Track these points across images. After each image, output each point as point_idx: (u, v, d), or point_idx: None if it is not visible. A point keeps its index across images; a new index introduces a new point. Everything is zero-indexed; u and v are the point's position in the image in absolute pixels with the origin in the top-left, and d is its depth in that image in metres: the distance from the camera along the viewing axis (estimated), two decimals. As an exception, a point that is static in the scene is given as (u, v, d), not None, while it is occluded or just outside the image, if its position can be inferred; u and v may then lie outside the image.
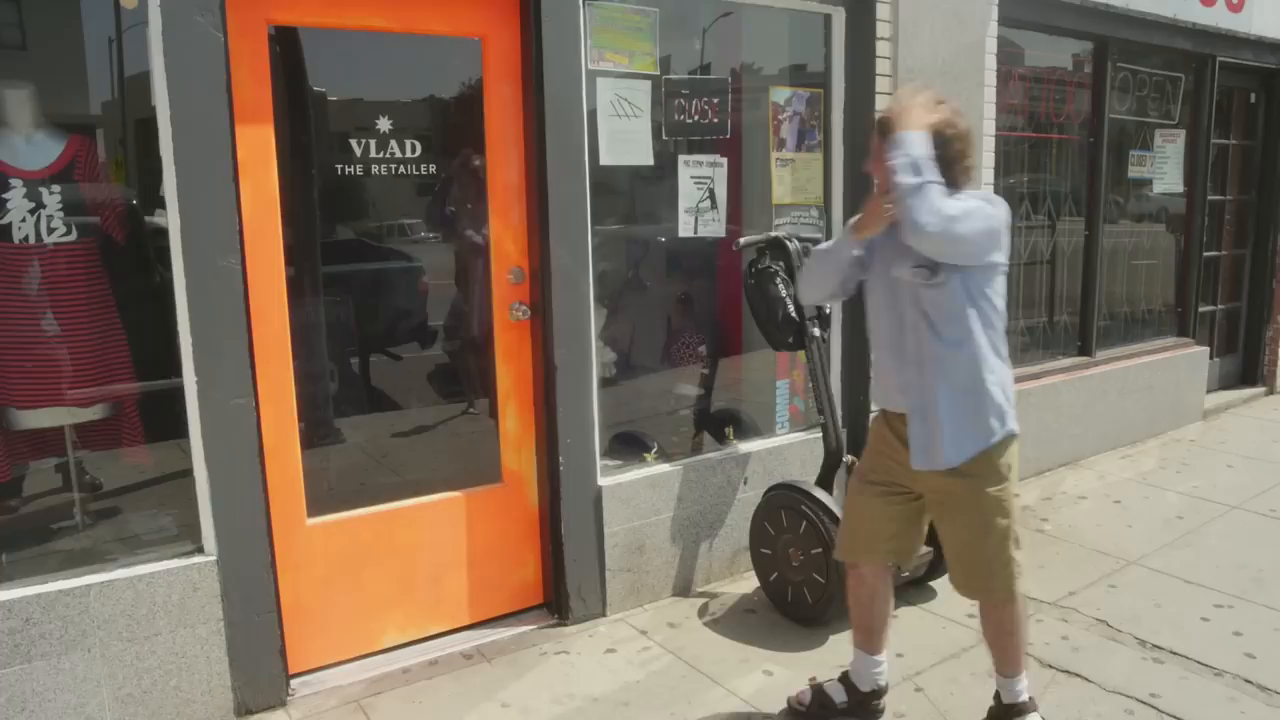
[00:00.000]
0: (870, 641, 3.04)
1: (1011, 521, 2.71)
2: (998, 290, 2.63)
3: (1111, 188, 6.14)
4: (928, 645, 3.56)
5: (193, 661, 3.00)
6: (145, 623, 2.90)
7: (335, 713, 3.16)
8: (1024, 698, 2.86)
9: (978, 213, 2.50)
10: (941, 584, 4.02)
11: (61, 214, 2.92)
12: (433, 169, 3.47)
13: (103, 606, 2.83)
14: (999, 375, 2.65)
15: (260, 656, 3.12)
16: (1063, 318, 6.08)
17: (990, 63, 4.85)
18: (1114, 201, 6.23)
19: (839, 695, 3.07)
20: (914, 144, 2.45)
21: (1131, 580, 4.13)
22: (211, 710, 3.05)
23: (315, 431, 3.39)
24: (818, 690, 3.10)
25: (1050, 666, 3.39)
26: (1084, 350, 6.09)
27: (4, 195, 2.85)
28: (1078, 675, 3.33)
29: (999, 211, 2.57)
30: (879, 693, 3.07)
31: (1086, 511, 5.01)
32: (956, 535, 2.78)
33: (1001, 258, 2.59)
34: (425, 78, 3.52)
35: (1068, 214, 5.98)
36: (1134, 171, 6.35)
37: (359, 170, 3.31)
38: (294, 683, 3.27)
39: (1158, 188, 6.53)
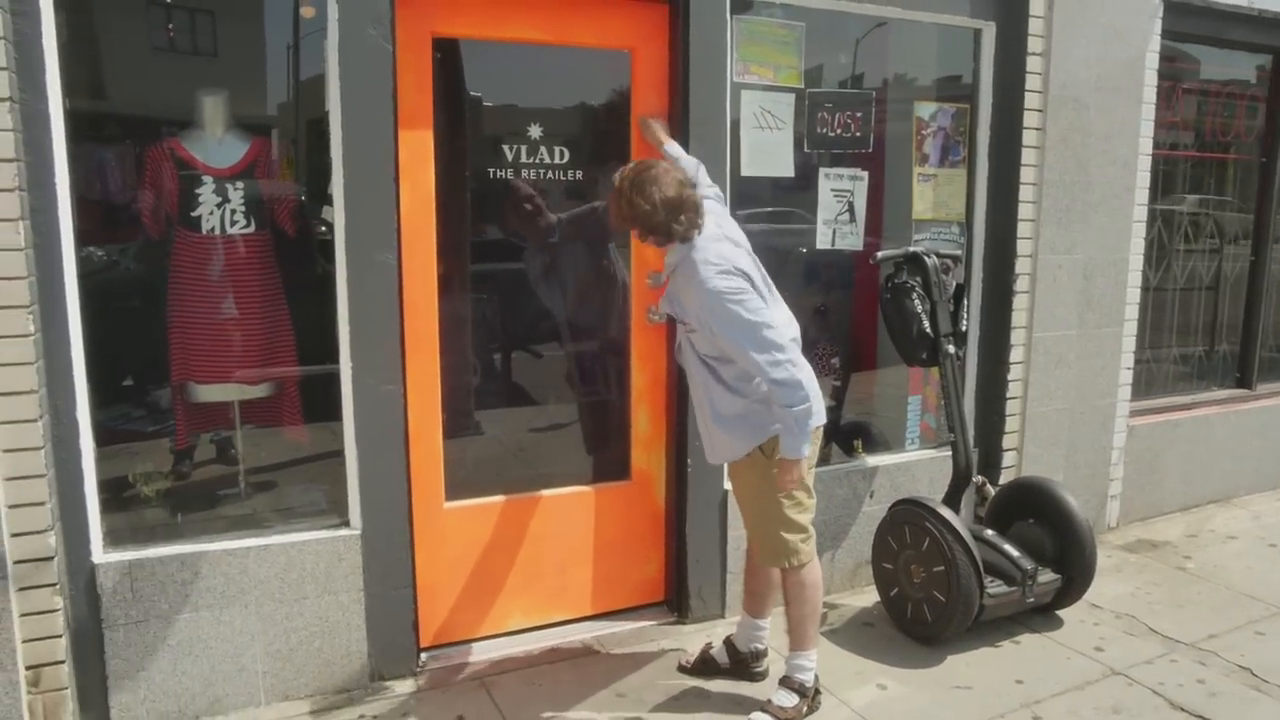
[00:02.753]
0: (755, 605, 3.34)
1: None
2: None
3: (1283, 210, 5.78)
4: (1049, 674, 3.47)
5: (334, 626, 3.22)
6: (295, 586, 3.14)
7: (459, 687, 3.33)
8: (802, 676, 3.11)
9: (754, 330, 2.78)
10: (1069, 613, 3.92)
11: (243, 208, 3.20)
12: (579, 175, 3.61)
13: (260, 568, 3.08)
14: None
15: (394, 628, 3.32)
16: (1221, 347, 5.77)
17: (1150, 79, 4.66)
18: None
19: (722, 657, 3.40)
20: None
21: (1282, 628, 3.92)
22: (348, 673, 3.27)
23: (457, 422, 3.57)
24: (704, 652, 3.43)
25: (1182, 709, 3.26)
26: (1243, 382, 5.75)
27: (197, 190, 3.15)
28: (1212, 721, 3.20)
29: (730, 287, 2.79)
30: (758, 655, 3.37)
31: (1235, 552, 4.76)
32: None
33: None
34: (574, 87, 3.66)
35: (1231, 238, 5.68)
36: (1312, 194, 5.95)
37: (510, 174, 3.48)
38: (423, 656, 3.46)
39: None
